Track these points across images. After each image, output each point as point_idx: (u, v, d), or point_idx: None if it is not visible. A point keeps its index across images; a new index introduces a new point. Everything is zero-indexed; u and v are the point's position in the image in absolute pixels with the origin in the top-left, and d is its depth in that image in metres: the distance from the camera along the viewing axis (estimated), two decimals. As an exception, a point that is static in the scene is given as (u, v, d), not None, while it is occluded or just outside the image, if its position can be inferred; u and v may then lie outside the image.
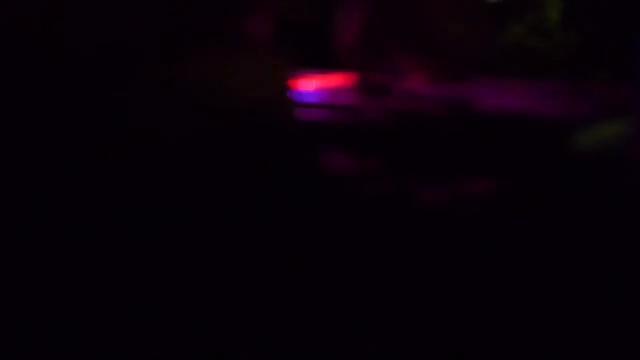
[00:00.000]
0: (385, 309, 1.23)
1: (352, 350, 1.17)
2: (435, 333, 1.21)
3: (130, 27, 1.30)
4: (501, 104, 1.77)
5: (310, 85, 1.86)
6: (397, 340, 1.19)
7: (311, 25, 1.93)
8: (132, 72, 1.28)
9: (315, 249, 1.29)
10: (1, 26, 1.25)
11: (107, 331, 1.16)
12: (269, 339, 1.17)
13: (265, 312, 1.20)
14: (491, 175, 1.55)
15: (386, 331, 1.20)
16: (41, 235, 1.21)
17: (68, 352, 1.14)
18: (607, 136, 1.60)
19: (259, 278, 1.24)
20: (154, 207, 1.26)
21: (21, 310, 1.16)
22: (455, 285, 1.28)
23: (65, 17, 1.28)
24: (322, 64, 1.88)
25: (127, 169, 1.26)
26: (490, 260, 1.33)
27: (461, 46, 1.78)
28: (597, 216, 1.42)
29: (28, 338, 1.14)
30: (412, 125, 1.63)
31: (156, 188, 1.27)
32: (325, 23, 1.83)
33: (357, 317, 1.22)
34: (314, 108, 1.72)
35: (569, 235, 1.38)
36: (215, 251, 1.25)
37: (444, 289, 1.27)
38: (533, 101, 1.85)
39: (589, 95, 1.87)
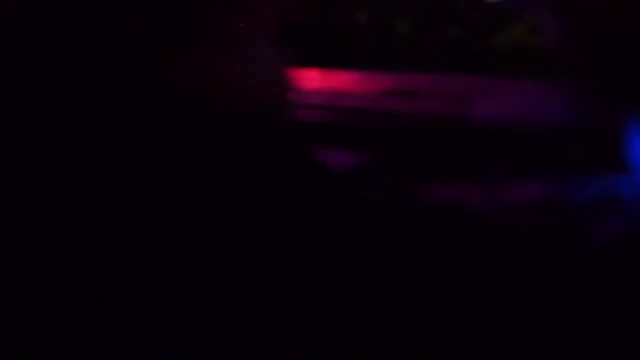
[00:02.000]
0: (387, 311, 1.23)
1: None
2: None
3: (128, 28, 1.30)
4: (500, 105, 1.77)
5: (311, 84, 1.86)
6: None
7: (312, 25, 1.94)
8: (130, 73, 1.29)
9: (315, 254, 1.29)
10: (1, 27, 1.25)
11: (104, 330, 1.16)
12: (268, 340, 1.17)
13: (265, 314, 1.20)
14: (490, 177, 1.55)
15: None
16: (41, 234, 1.21)
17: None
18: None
19: (257, 279, 1.24)
20: (152, 207, 1.26)
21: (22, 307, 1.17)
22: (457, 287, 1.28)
23: (62, 17, 1.28)
24: (323, 62, 1.88)
25: (126, 170, 1.27)
26: (493, 263, 1.33)
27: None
28: (598, 217, 1.43)
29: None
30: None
31: (155, 188, 1.28)
32: (326, 22, 1.83)
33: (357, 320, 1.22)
34: (314, 109, 1.72)
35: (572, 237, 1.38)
36: (214, 252, 1.26)
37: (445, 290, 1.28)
38: (533, 101, 1.85)
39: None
